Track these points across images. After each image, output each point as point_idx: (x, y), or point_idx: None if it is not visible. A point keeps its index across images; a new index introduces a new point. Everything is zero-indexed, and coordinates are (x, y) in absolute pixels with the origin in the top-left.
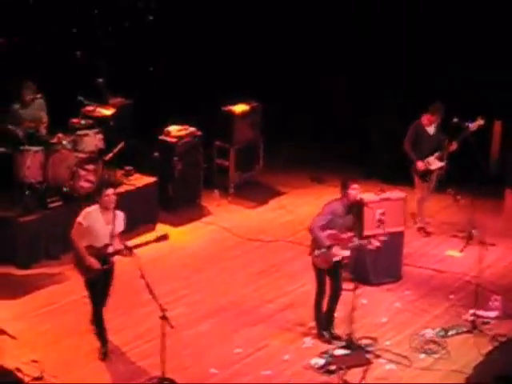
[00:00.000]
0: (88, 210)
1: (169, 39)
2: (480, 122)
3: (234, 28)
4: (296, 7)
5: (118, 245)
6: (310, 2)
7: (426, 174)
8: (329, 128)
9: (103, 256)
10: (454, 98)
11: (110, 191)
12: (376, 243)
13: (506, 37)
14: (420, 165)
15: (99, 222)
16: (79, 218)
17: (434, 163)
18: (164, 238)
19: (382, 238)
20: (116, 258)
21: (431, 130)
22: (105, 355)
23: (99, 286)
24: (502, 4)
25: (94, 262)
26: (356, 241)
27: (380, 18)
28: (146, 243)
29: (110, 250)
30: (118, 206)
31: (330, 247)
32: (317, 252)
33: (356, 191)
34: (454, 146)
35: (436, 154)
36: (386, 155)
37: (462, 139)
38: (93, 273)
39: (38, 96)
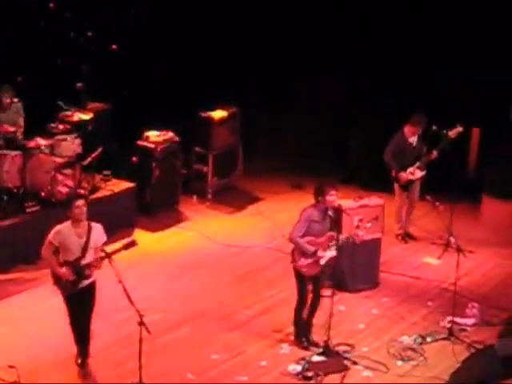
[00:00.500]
0: (58, 227)
1: (148, 45)
2: (459, 129)
3: (212, 33)
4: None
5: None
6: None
7: (407, 185)
8: (308, 133)
9: (77, 269)
10: (433, 106)
11: (80, 202)
12: (361, 235)
13: (484, 43)
14: (403, 176)
15: (71, 237)
16: (49, 237)
17: (416, 173)
18: (132, 244)
19: (364, 231)
20: (95, 274)
21: (413, 140)
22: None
23: (78, 302)
24: (481, 12)
25: (67, 273)
26: (341, 237)
27: (361, 25)
28: (115, 252)
29: (82, 262)
30: (94, 214)
31: (314, 253)
32: (323, 261)
33: (334, 197)
34: (434, 155)
35: (417, 164)
36: (365, 161)
37: (442, 147)
38: (70, 286)
39: (16, 100)
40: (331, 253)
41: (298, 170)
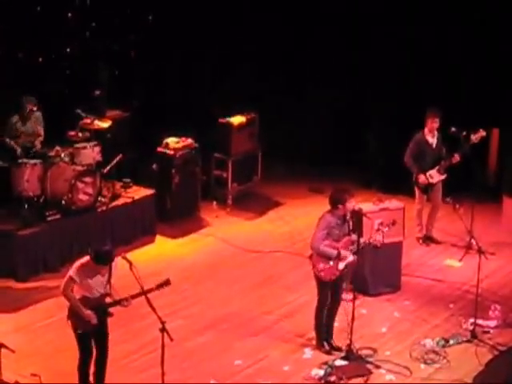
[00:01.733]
0: (80, 263)
1: (167, 52)
2: (482, 133)
3: (230, 38)
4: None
5: (114, 293)
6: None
7: (427, 187)
8: (327, 137)
9: (100, 307)
10: (451, 107)
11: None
12: (379, 238)
13: (502, 44)
14: (422, 179)
15: (94, 275)
16: (71, 272)
17: (436, 176)
18: (166, 283)
19: (381, 235)
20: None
21: (433, 141)
22: None
23: (93, 336)
24: (498, 13)
25: (92, 316)
26: (359, 242)
27: (378, 22)
28: (148, 291)
29: (108, 299)
30: (114, 222)
31: (338, 254)
32: (341, 265)
33: (352, 204)
34: (456, 159)
35: (437, 167)
36: (384, 164)
37: (463, 151)
38: (89, 327)
39: (35, 109)
40: (350, 258)
41: (317, 175)
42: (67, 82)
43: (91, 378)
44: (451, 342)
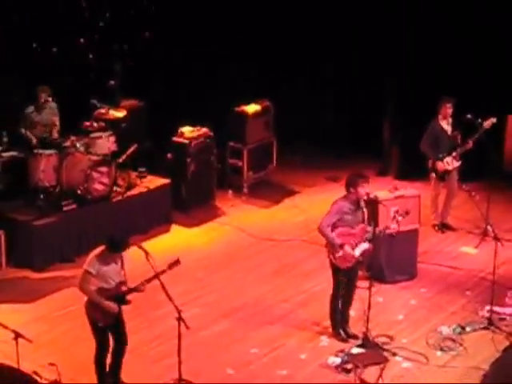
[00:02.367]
0: (93, 255)
1: (181, 41)
2: (493, 119)
3: (245, 27)
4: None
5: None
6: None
7: (444, 174)
8: (342, 125)
9: (118, 296)
10: (466, 94)
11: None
12: (394, 227)
13: None
14: (440, 166)
15: (108, 264)
16: (85, 266)
17: (452, 163)
18: (176, 263)
19: (397, 224)
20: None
21: (448, 128)
22: None
23: (111, 327)
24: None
25: (113, 307)
26: (375, 230)
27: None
28: (161, 273)
29: (124, 288)
30: (130, 211)
31: (341, 246)
32: (357, 252)
33: (365, 189)
34: (469, 145)
35: (453, 154)
36: (400, 152)
37: (477, 137)
38: (110, 318)
39: (50, 100)
40: (365, 245)
41: (333, 163)
42: (82, 72)
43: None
44: (468, 329)
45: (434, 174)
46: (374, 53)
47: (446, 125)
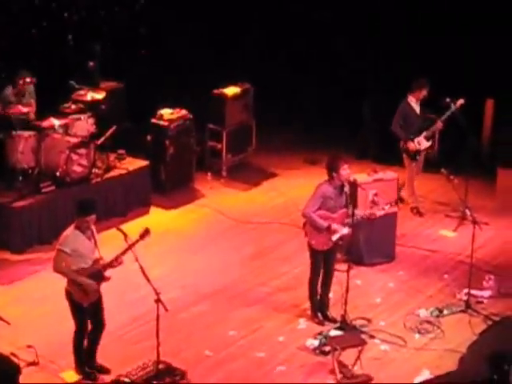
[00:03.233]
0: (65, 234)
1: (161, 22)
2: (461, 101)
3: (225, 8)
4: None
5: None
6: None
7: (415, 154)
8: (321, 109)
9: (96, 273)
10: (445, 77)
11: (94, 215)
12: (379, 212)
13: (497, 14)
14: (412, 146)
15: (83, 241)
16: (58, 246)
17: (423, 143)
18: (146, 233)
19: (381, 211)
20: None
21: (417, 108)
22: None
23: (93, 312)
24: None
25: (93, 284)
26: (356, 216)
27: None
28: (132, 245)
29: (101, 263)
30: (109, 193)
31: (328, 228)
32: (334, 237)
33: (346, 171)
34: (440, 125)
35: (424, 134)
36: (378, 135)
37: (446, 118)
38: (92, 295)
39: (29, 82)
40: (344, 230)
41: (312, 145)
42: (60, 53)
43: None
44: (445, 312)
45: (406, 155)
46: (357, 36)
47: (416, 106)
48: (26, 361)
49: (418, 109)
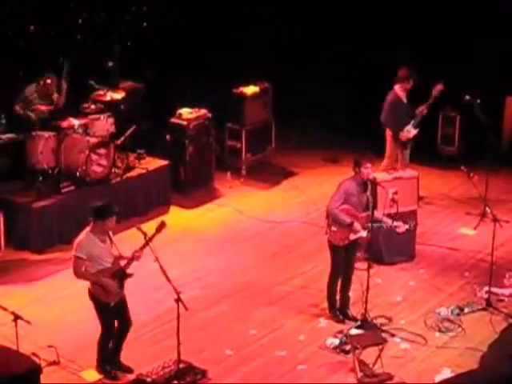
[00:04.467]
0: (78, 240)
1: (179, 23)
2: (440, 85)
3: (243, 7)
4: None
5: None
6: None
7: (407, 143)
8: (341, 107)
9: (118, 272)
10: (466, 75)
11: (114, 219)
12: (404, 227)
13: None
14: (404, 135)
15: (96, 245)
16: (75, 253)
17: (412, 131)
18: (162, 225)
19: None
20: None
21: (405, 98)
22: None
23: (117, 312)
24: None
25: (112, 283)
26: (375, 225)
27: None
28: (152, 238)
29: (122, 262)
30: (128, 193)
31: (351, 224)
32: (352, 237)
33: (368, 170)
34: (424, 111)
35: (412, 122)
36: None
37: (430, 103)
38: (118, 295)
39: (49, 82)
40: (363, 233)
41: (332, 144)
42: (80, 53)
43: None
44: (466, 310)
45: (393, 145)
46: (373, 34)
47: (403, 95)
48: (47, 360)
49: (405, 98)
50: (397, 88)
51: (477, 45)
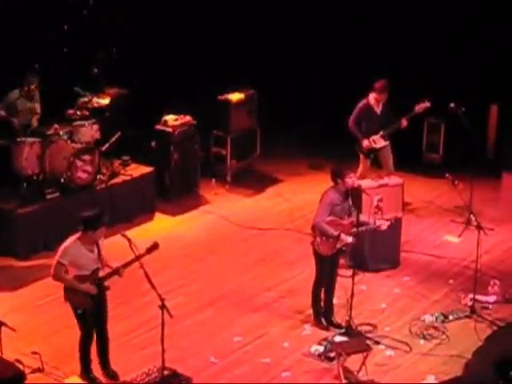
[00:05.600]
0: (65, 245)
1: (165, 29)
2: (426, 104)
3: (228, 16)
4: None
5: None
6: None
7: (370, 152)
8: (325, 114)
9: (96, 282)
10: (451, 83)
11: (104, 228)
12: (386, 224)
13: (499, 20)
14: (366, 143)
15: (82, 254)
16: (57, 257)
17: (379, 142)
18: (154, 247)
19: (388, 221)
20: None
21: (378, 109)
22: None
23: (93, 314)
24: None
25: (90, 288)
26: (361, 228)
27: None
28: (139, 257)
29: (101, 273)
30: (113, 200)
31: (338, 236)
32: (339, 244)
33: (352, 179)
34: (404, 124)
35: (381, 133)
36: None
37: (411, 117)
38: (88, 303)
39: (32, 87)
40: (349, 239)
41: (316, 151)
42: (65, 59)
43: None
44: (450, 317)
45: (361, 152)
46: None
47: (376, 105)
48: (31, 367)
49: (378, 109)
50: (370, 97)
51: (461, 53)
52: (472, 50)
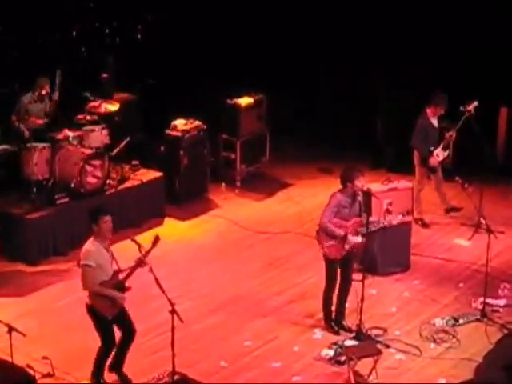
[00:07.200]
0: (86, 248)
1: (173, 33)
2: (475, 103)
3: (237, 20)
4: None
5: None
6: None
7: (436, 167)
8: (335, 118)
9: (118, 284)
10: (459, 86)
11: (108, 218)
12: (394, 223)
13: (509, 22)
14: (433, 161)
15: (103, 254)
16: (84, 261)
17: (442, 154)
18: (157, 240)
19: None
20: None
21: (435, 121)
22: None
23: (119, 321)
24: None
25: (120, 295)
26: (370, 226)
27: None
28: (147, 252)
29: (121, 276)
30: (123, 204)
31: (345, 236)
32: (347, 246)
33: (362, 182)
34: (453, 135)
35: (441, 146)
36: (393, 145)
37: (460, 125)
38: (116, 309)
39: (44, 92)
40: (357, 239)
41: (326, 155)
42: (75, 65)
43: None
44: (461, 321)
45: (421, 168)
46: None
47: (434, 119)
48: (42, 372)
49: (435, 122)
50: (428, 111)
51: (471, 56)
52: (482, 52)
